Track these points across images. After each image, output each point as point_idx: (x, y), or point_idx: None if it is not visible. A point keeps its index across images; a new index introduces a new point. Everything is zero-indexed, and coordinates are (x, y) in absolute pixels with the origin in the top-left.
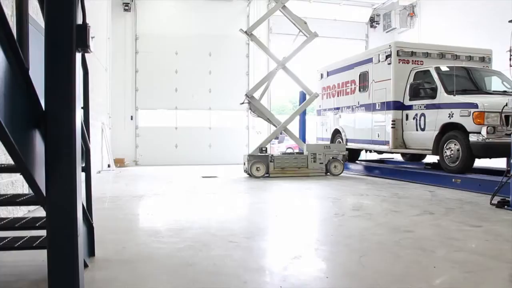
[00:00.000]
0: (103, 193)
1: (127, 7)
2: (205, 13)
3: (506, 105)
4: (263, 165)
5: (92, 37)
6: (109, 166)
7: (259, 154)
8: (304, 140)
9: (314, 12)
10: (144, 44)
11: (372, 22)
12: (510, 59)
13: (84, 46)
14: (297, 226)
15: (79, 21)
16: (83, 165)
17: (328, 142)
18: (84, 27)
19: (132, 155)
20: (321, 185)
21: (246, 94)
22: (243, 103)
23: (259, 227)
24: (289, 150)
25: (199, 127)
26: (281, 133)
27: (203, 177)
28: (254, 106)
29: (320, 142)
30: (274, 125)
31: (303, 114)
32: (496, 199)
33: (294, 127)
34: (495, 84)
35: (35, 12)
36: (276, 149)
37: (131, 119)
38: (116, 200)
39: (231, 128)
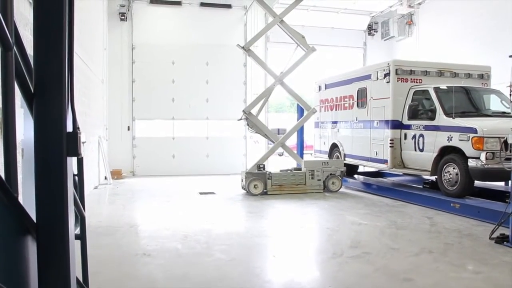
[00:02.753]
0: (99, 220)
1: (123, 17)
2: (202, 22)
3: (506, 140)
4: (260, 183)
5: (83, 142)
6: (106, 178)
7: (257, 171)
8: (301, 155)
9: (312, 21)
10: (141, 54)
11: (370, 30)
12: (510, 94)
13: (75, 154)
14: (295, 272)
15: (70, 127)
16: (78, 232)
17: (326, 155)
18: (74, 135)
19: (129, 166)
20: (318, 208)
21: (243, 111)
22: (240, 119)
23: (257, 274)
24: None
25: (196, 137)
26: (278, 134)
27: (200, 193)
28: (252, 122)
29: (318, 154)
30: (272, 141)
31: (301, 130)
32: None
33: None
34: (494, 103)
35: None
36: None
37: (128, 129)
38: (113, 231)
39: (228, 138)
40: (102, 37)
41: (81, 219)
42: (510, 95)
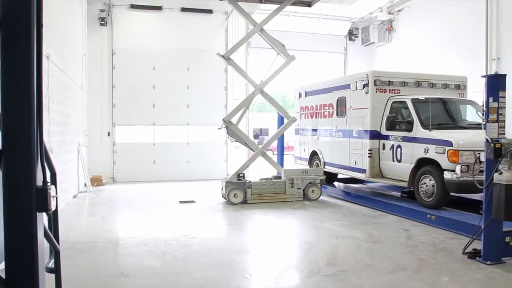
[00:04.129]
0: (78, 235)
1: (103, 22)
2: (183, 27)
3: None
4: (240, 192)
5: (53, 196)
6: (85, 185)
7: (237, 180)
8: (281, 163)
9: (293, 26)
10: (121, 59)
11: (351, 35)
12: (482, 113)
13: (44, 210)
14: None
15: (40, 182)
16: (52, 266)
17: (306, 162)
18: (44, 190)
19: (109, 172)
20: (297, 219)
21: (223, 120)
22: (220, 128)
23: None
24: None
25: (177, 142)
26: (260, 134)
27: (180, 202)
28: (232, 131)
29: (298, 161)
30: (252, 149)
31: (281, 138)
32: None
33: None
34: (470, 113)
35: None
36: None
37: (108, 135)
38: (91, 247)
39: (209, 143)
40: (82, 43)
41: (55, 253)
42: (483, 114)
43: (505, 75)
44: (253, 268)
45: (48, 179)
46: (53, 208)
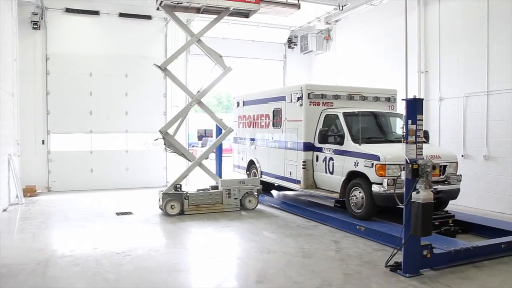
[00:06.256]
0: (4, 256)
1: (36, 25)
2: (121, 32)
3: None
4: (177, 203)
5: None
6: (17, 196)
7: (174, 192)
8: (220, 174)
9: (233, 33)
10: (56, 65)
11: (290, 43)
12: (402, 136)
13: None
14: None
15: None
16: None
17: (244, 171)
18: None
19: (44, 182)
20: (233, 231)
21: (160, 131)
22: (157, 139)
23: None
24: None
25: (115, 150)
26: (204, 135)
27: (117, 214)
28: (169, 142)
29: (237, 170)
30: (189, 160)
31: (219, 148)
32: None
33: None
34: (399, 126)
35: None
36: (199, 153)
37: (43, 143)
38: (17, 271)
39: (148, 151)
40: (12, 48)
41: None
42: (402, 136)
43: (422, 99)
44: None
45: None
46: None
